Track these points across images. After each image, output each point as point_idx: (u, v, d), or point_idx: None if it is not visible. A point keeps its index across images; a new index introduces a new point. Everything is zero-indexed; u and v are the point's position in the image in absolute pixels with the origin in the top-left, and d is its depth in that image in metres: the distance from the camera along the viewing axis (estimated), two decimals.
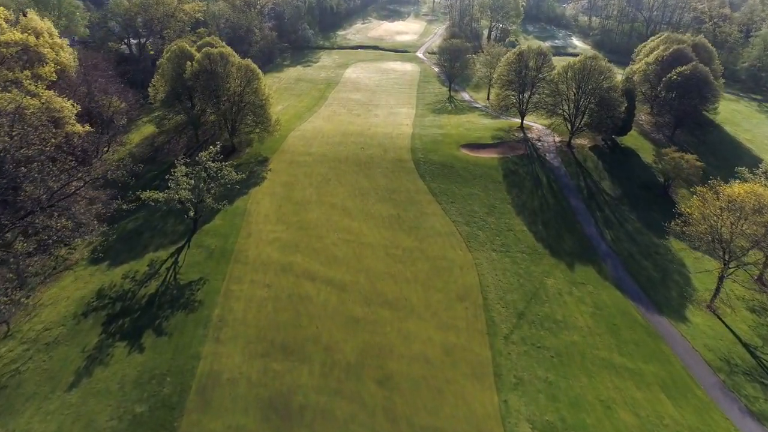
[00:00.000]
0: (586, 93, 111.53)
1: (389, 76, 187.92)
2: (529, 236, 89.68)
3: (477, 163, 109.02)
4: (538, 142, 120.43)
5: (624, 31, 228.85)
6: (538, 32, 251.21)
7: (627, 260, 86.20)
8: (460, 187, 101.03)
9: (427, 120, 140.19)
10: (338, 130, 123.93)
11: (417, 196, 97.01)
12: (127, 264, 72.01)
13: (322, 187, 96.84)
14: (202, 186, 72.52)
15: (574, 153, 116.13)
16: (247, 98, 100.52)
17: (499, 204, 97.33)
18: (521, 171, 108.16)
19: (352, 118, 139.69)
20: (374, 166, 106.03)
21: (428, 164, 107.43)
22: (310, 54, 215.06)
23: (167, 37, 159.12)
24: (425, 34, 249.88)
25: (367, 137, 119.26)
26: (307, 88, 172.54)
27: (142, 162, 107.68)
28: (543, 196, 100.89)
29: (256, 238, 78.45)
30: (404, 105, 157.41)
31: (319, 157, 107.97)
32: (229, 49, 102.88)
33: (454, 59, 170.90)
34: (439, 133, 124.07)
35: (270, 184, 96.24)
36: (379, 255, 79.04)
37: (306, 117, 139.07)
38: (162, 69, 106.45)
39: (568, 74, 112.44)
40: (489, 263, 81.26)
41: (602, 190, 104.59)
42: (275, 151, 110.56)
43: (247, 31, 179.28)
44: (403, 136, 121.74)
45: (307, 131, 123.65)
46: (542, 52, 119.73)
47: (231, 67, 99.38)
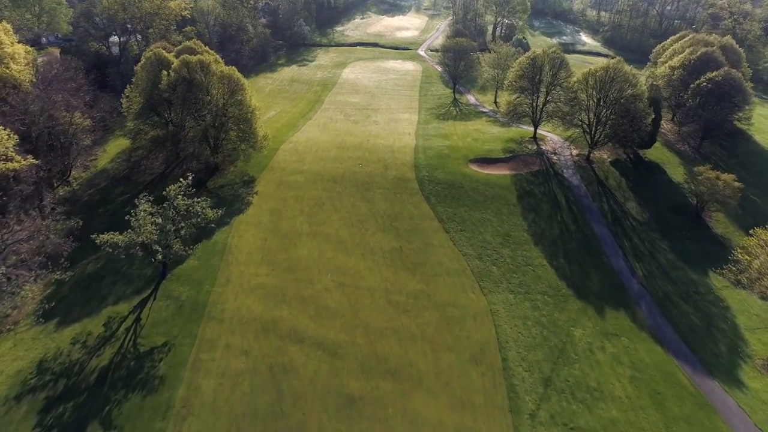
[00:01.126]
0: (608, 103, 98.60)
1: (389, 77, 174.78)
2: (550, 272, 77.38)
3: (488, 182, 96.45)
4: (554, 156, 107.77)
5: (636, 27, 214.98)
6: (544, 28, 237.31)
7: (663, 302, 73.97)
8: (470, 211, 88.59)
9: (431, 128, 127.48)
10: (334, 142, 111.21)
11: (422, 224, 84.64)
12: (80, 322, 59.78)
13: (314, 214, 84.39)
14: (170, 227, 59.98)
15: (594, 169, 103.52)
16: (231, 111, 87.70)
17: (514, 232, 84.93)
18: (537, 191, 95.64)
19: (350, 125, 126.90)
20: (374, 186, 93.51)
21: (434, 184, 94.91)
22: (306, 52, 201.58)
23: (151, 36, 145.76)
24: (427, 30, 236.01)
25: (365, 151, 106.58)
26: (302, 91, 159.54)
27: (116, 181, 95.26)
28: (563, 222, 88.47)
29: (235, 284, 66.13)
30: (406, 109, 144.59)
31: (313, 176, 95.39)
32: (210, 56, 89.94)
33: (458, 59, 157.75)
34: (444, 145, 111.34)
35: (256, 212, 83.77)
36: (379, 303, 66.81)
37: (300, 125, 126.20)
38: (137, 78, 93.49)
39: (589, 82, 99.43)
40: (506, 309, 69.06)
41: (628, 214, 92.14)
42: (264, 168, 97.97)
43: (239, 29, 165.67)
44: (405, 149, 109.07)
45: (300, 143, 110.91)
46: (558, 56, 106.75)
47: (212, 77, 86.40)
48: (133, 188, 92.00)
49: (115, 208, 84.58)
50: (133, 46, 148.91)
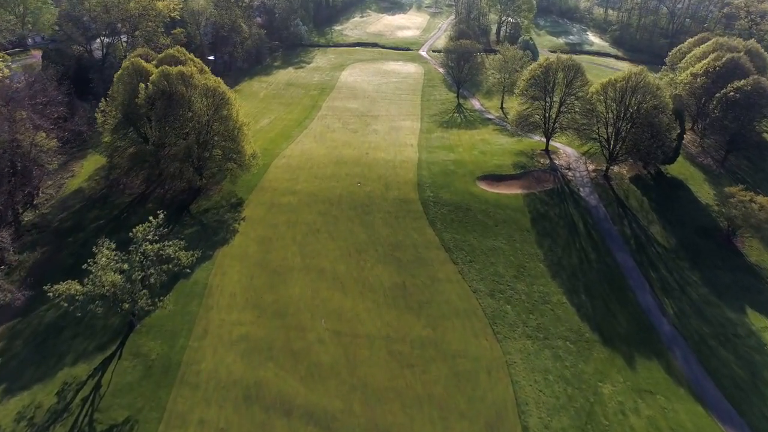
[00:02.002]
0: (629, 116, 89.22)
1: (390, 80, 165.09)
2: (570, 312, 68.36)
3: (498, 203, 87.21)
4: (569, 172, 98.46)
5: (646, 26, 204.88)
6: (550, 27, 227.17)
7: (699, 348, 65.01)
8: (480, 237, 79.42)
9: (435, 138, 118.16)
10: (331, 156, 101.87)
11: (427, 253, 75.51)
12: (30, 390, 50.84)
13: (308, 243, 75.24)
14: (137, 276, 50.81)
15: (613, 187, 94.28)
16: (216, 128, 78.32)
17: (529, 262, 75.80)
18: (552, 213, 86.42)
19: (348, 135, 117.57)
20: (374, 208, 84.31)
21: (439, 205, 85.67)
22: (303, 53, 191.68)
23: (138, 39, 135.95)
24: (428, 29, 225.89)
25: (364, 167, 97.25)
26: (298, 95, 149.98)
27: (91, 202, 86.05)
28: (582, 249, 79.32)
29: (215, 337, 57.08)
30: (407, 116, 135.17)
31: (307, 198, 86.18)
32: (192, 67, 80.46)
33: (462, 62, 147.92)
34: (450, 159, 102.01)
35: (242, 241, 74.58)
36: (380, 356, 57.79)
37: (294, 135, 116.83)
38: (113, 90, 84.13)
39: (609, 93, 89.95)
40: (524, 360, 60.10)
41: (652, 239, 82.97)
42: (253, 188, 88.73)
43: (231, 30, 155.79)
44: (407, 163, 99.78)
45: (294, 157, 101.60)
46: (573, 64, 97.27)
47: (194, 91, 76.98)
48: (109, 211, 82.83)
49: (87, 237, 75.40)
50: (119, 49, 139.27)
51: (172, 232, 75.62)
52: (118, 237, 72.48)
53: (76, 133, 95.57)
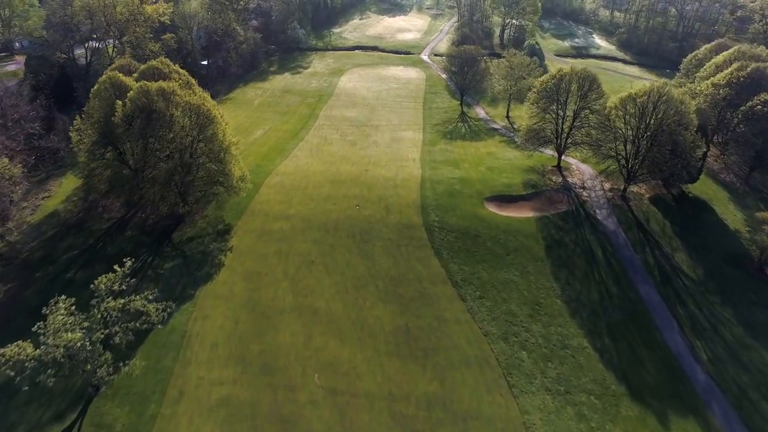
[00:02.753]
0: (651, 134, 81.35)
1: (390, 86, 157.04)
2: (593, 358, 60.74)
3: (509, 229, 79.42)
4: (584, 191, 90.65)
5: (654, 29, 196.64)
6: (555, 29, 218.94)
7: (740, 403, 57.37)
8: (490, 269, 71.67)
9: (438, 151, 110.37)
10: (328, 174, 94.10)
11: (432, 289, 67.78)
12: None
13: (301, 278, 67.47)
14: (97, 338, 43.00)
15: (632, 209, 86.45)
16: (200, 149, 70.36)
17: (545, 298, 68.08)
18: (568, 240, 78.61)
19: (346, 148, 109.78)
20: (373, 235, 76.52)
21: (445, 232, 77.88)
22: (301, 57, 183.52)
23: (126, 45, 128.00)
24: (430, 32, 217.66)
25: (364, 186, 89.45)
26: (294, 103, 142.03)
27: (66, 228, 78.21)
28: (602, 282, 71.56)
29: (191, 400, 49.35)
30: (409, 126, 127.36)
31: (301, 223, 78.35)
32: (175, 83, 72.43)
33: (466, 68, 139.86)
34: (455, 177, 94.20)
35: (228, 277, 66.76)
36: (381, 419, 50.14)
37: (289, 148, 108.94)
38: (89, 107, 76.27)
39: (629, 108, 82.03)
40: (545, 421, 52.51)
41: (678, 269, 75.21)
42: (243, 211, 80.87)
43: (225, 34, 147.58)
44: (409, 182, 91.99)
45: (288, 175, 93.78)
46: (588, 75, 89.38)
47: (176, 109, 69.06)
48: (84, 239, 74.98)
49: (58, 271, 67.66)
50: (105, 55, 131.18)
51: (152, 266, 67.89)
52: (91, 272, 65.11)
53: (53, 151, 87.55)
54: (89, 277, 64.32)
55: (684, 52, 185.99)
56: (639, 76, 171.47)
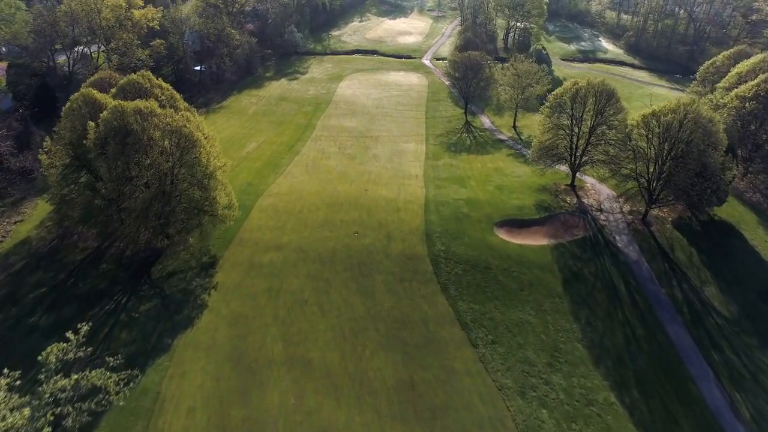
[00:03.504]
0: (677, 155, 73.54)
1: (391, 93, 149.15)
2: (622, 417, 53.24)
3: (522, 260, 71.71)
4: (601, 214, 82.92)
5: (664, 32, 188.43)
6: (560, 32, 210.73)
7: None
8: (503, 307, 63.99)
9: (443, 166, 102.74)
10: (324, 195, 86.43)
11: (439, 332, 60.17)
12: None
13: (292, 322, 59.80)
14: (44, 423, 35.31)
15: (654, 235, 78.70)
16: (182, 176, 62.55)
17: (564, 343, 60.43)
18: (587, 272, 70.88)
19: (345, 163, 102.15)
20: (374, 268, 68.82)
21: (452, 263, 70.16)
22: (298, 62, 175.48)
23: (113, 52, 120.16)
24: (432, 35, 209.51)
25: (363, 209, 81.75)
26: (291, 112, 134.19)
27: (36, 260, 70.48)
28: (627, 323, 63.92)
29: None
30: (411, 137, 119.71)
31: (294, 255, 70.61)
32: (153, 103, 64.57)
33: (470, 74, 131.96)
34: (462, 198, 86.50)
35: (211, 321, 59.05)
36: None
37: (284, 164, 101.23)
38: (60, 127, 68.49)
39: (652, 127, 74.22)
40: None
41: (708, 306, 67.52)
42: (230, 240, 73.13)
43: (218, 40, 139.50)
44: (413, 204, 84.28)
45: (282, 196, 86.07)
46: (606, 89, 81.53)
47: (154, 132, 61.26)
48: (55, 274, 67.27)
49: (21, 314, 59.92)
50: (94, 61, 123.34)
51: (126, 308, 60.16)
52: (57, 315, 57.54)
53: (27, 171, 79.81)
54: (56, 323, 57.16)
55: (694, 56, 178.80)
56: (650, 82, 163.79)
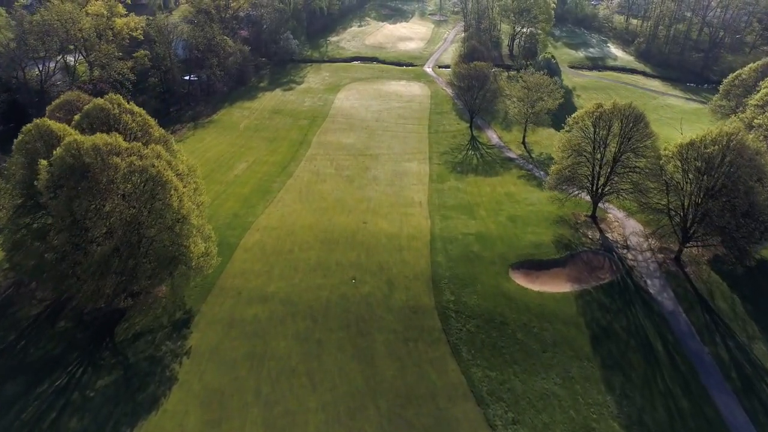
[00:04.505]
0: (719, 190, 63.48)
1: (392, 105, 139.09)
2: None
3: (543, 312, 61.83)
4: (627, 253, 73.08)
5: (676, 38, 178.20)
6: (567, 37, 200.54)
7: None
8: (524, 375, 54.27)
9: (448, 190, 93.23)
10: (318, 229, 76.67)
11: (451, 409, 50.50)
12: None
13: (278, 400, 49.85)
14: None
15: (690, 279, 68.84)
16: (148, 223, 52.44)
17: (597, 420, 50.81)
18: (618, 327, 61.04)
19: (342, 186, 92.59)
20: (374, 325, 58.96)
21: (463, 317, 60.27)
22: (294, 71, 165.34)
23: (94, 64, 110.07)
24: (433, 41, 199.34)
25: (362, 249, 71.88)
26: (285, 127, 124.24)
27: None
28: (668, 392, 54.17)
29: None
30: (413, 155, 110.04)
31: (282, 308, 60.70)
32: (117, 137, 54.64)
33: (475, 87, 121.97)
34: (471, 233, 76.74)
35: (180, 401, 49.07)
36: None
37: (275, 189, 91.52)
38: (10, 163, 58.43)
39: (690, 159, 64.12)
40: None
41: (760, 369, 58.04)
42: (210, 289, 63.36)
43: (207, 50, 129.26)
44: (417, 241, 74.56)
45: (271, 231, 76.19)
46: (634, 112, 71.56)
47: (116, 173, 51.22)
48: (5, 334, 57.59)
49: None
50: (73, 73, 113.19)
51: (80, 384, 50.15)
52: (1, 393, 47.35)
53: None
54: None
55: (709, 64, 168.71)
56: (663, 92, 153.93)
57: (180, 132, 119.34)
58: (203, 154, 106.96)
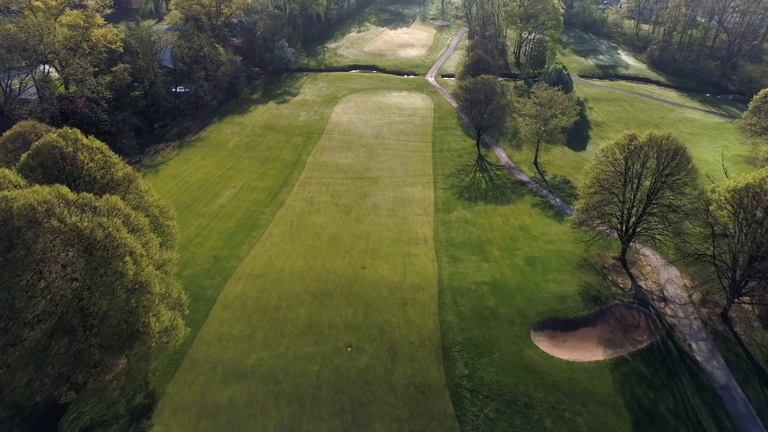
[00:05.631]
0: None
1: (393, 119, 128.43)
2: None
3: (574, 389, 51.27)
4: (666, 306, 62.37)
5: (691, 45, 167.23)
6: (575, 44, 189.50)
7: None
8: None
9: (456, 222, 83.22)
10: (309, 278, 66.16)
11: None
12: None
13: None
14: None
15: (741, 341, 58.12)
16: (95, 299, 41.69)
17: None
18: (663, 408, 50.52)
19: (338, 219, 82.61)
20: (373, 411, 48.48)
21: (480, 398, 49.74)
22: (289, 81, 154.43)
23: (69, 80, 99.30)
24: (435, 47, 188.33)
25: (359, 305, 61.21)
26: (277, 145, 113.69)
27: None
28: None
29: None
30: (416, 177, 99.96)
31: (264, 387, 50.18)
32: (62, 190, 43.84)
33: (483, 101, 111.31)
34: (485, 282, 66.08)
35: None
36: None
37: (263, 224, 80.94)
38: None
39: (744, 204, 53.36)
40: None
41: None
42: (178, 364, 52.61)
43: (194, 61, 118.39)
44: (423, 294, 63.93)
45: (255, 281, 65.59)
46: (673, 146, 60.69)
47: (53, 239, 40.53)
48: None
49: None
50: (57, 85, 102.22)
51: None
52: None
53: None
54: None
55: (727, 73, 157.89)
56: (680, 104, 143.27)
57: (164, 152, 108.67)
58: (187, 179, 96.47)
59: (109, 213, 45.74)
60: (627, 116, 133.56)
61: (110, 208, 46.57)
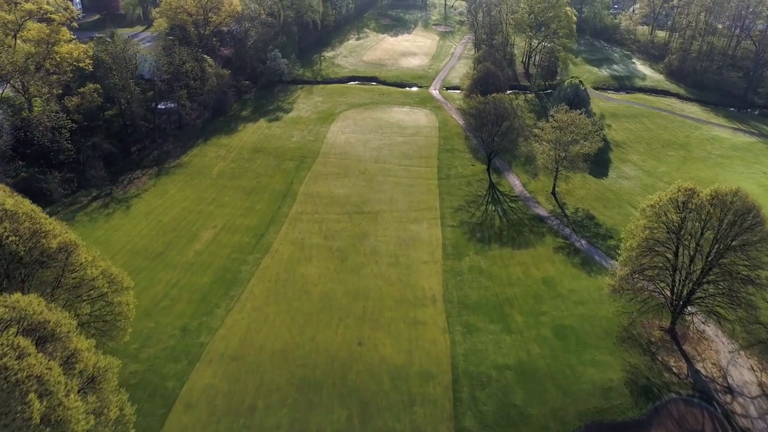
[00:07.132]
0: None
1: (394, 139, 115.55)
2: None
3: None
4: (731, 400, 49.32)
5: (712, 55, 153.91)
6: (586, 52, 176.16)
7: None
8: None
9: (468, 272, 71.38)
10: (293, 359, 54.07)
11: None
12: None
13: None
14: None
15: None
16: None
17: None
18: None
19: (332, 269, 70.95)
20: None
21: None
22: (282, 95, 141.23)
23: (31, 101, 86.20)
24: (439, 56, 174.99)
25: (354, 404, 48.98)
26: (267, 172, 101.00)
27: None
28: None
29: None
30: (421, 211, 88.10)
31: None
32: None
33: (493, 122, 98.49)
34: (509, 367, 53.49)
35: None
36: None
37: (244, 278, 68.49)
38: None
39: None
40: None
41: None
42: None
43: (175, 78, 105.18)
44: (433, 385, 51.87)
45: (227, 366, 53.00)
46: (744, 204, 47.47)
47: None
48: None
49: None
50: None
51: None
52: None
53: None
54: None
55: (753, 85, 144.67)
56: (705, 120, 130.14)
57: (138, 181, 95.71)
58: (161, 217, 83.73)
59: (11, 323, 32.76)
60: (649, 135, 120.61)
61: (17, 317, 33.61)
